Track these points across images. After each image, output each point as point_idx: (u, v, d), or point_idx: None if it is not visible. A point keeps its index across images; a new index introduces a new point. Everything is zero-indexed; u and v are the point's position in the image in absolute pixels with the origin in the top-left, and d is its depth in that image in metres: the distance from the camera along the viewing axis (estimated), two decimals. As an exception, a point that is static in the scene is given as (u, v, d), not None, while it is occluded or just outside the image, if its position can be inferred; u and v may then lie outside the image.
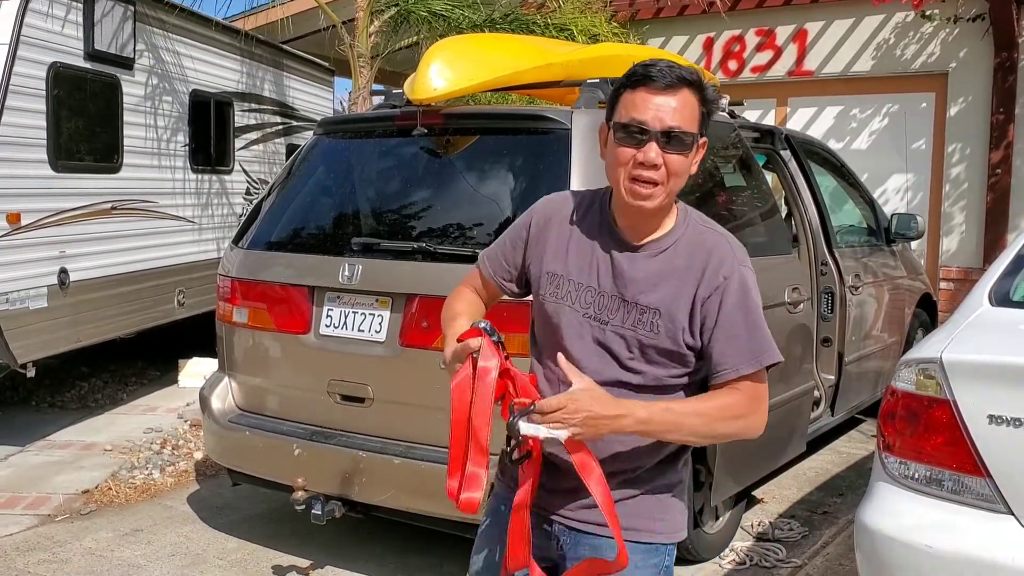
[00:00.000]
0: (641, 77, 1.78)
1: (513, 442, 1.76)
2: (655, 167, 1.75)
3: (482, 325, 1.78)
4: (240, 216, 7.75)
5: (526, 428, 1.67)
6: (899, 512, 2.42)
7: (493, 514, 2.03)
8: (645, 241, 1.87)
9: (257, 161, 8.42)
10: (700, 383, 1.89)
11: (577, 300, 1.88)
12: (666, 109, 1.75)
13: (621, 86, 1.82)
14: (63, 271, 5.72)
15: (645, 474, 1.89)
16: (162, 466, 5.22)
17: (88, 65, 5.99)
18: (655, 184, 1.77)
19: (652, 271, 1.84)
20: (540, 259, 1.96)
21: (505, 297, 2.10)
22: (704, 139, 1.83)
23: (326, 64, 9.65)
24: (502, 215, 3.54)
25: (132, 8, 6.39)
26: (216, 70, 7.67)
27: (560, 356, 1.79)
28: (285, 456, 3.74)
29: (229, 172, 7.93)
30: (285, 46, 8.98)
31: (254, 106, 8.31)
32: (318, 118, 6.79)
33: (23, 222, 5.40)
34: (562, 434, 1.66)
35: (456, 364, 1.80)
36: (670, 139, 1.75)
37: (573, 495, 1.86)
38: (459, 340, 1.80)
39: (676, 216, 1.90)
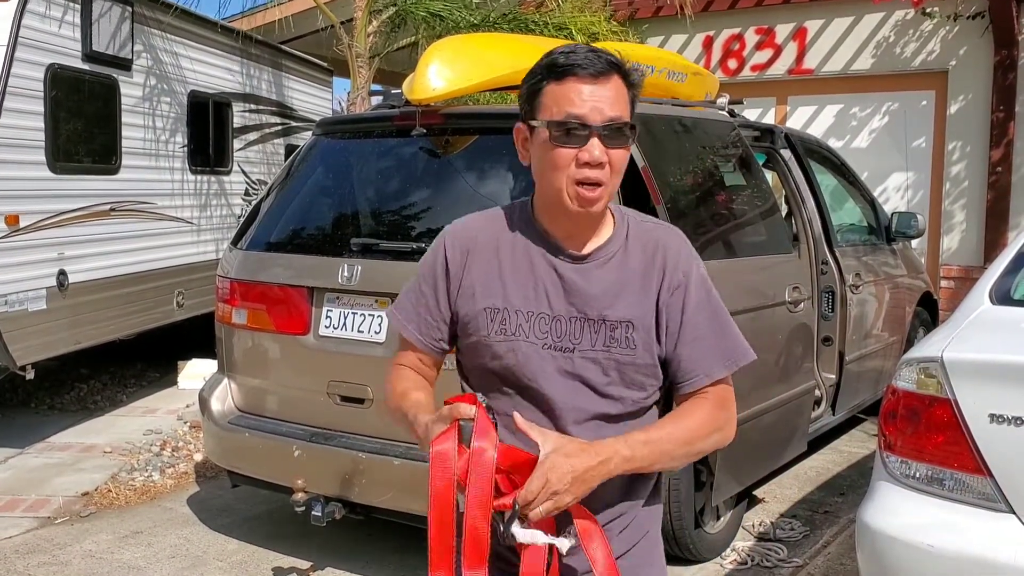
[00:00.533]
0: (566, 66, 1.57)
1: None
2: (600, 165, 1.56)
3: (481, 398, 1.54)
4: (239, 217, 7.74)
5: (523, 535, 1.47)
6: (900, 511, 2.41)
7: None
8: (590, 249, 1.66)
9: (256, 162, 8.41)
10: (665, 395, 1.73)
11: (532, 332, 1.64)
12: (603, 99, 1.56)
13: (542, 79, 1.61)
14: (62, 273, 5.71)
15: (641, 514, 1.73)
16: (162, 468, 5.21)
17: (86, 66, 5.98)
18: (600, 185, 1.58)
19: (610, 280, 1.65)
20: (471, 297, 1.69)
21: None
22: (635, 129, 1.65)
23: (325, 64, 9.64)
24: (501, 215, 3.53)
25: (130, 9, 6.38)
26: (214, 71, 7.66)
27: (516, 416, 1.57)
28: (285, 457, 3.73)
29: (228, 173, 7.92)
30: (283, 46, 8.98)
31: (253, 107, 8.30)
32: (317, 118, 6.80)
33: (22, 224, 5.39)
34: (563, 544, 1.49)
35: (439, 426, 1.53)
36: (612, 132, 1.56)
37: (585, 562, 1.59)
38: (447, 402, 1.55)
39: (612, 217, 1.71)
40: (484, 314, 1.67)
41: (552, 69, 1.59)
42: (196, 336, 7.31)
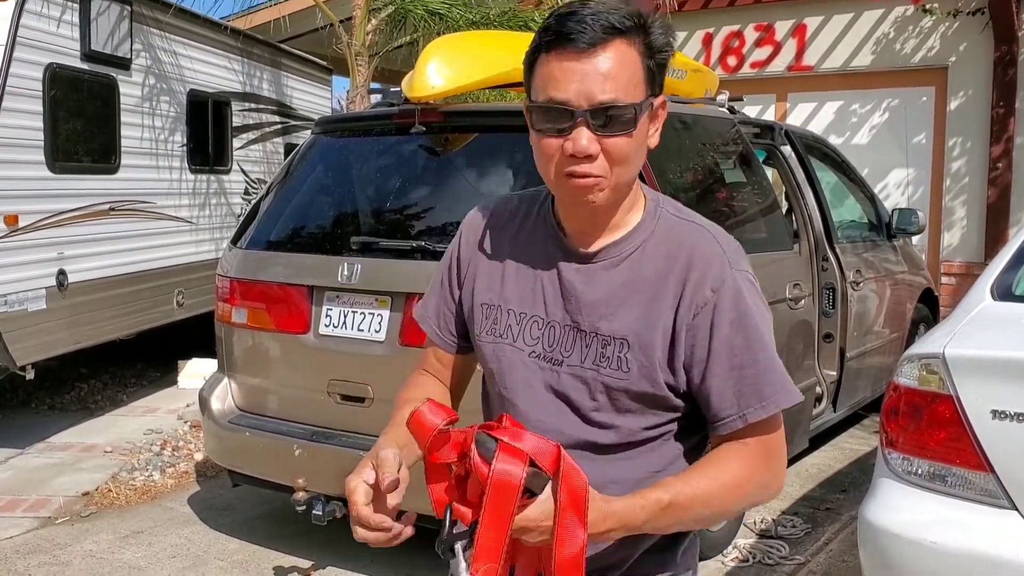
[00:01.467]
0: (554, 35, 1.28)
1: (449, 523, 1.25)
2: (589, 158, 1.29)
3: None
4: (238, 216, 7.74)
5: (460, 566, 1.23)
6: (902, 508, 2.41)
7: None
8: (600, 247, 1.40)
9: (255, 161, 8.41)
10: (697, 428, 1.42)
11: (520, 336, 1.42)
12: (593, 78, 1.27)
13: (535, 49, 1.33)
14: (61, 272, 5.71)
15: (635, 569, 1.42)
16: (162, 467, 5.20)
17: (85, 66, 5.97)
18: (596, 177, 1.31)
19: (612, 287, 1.38)
20: (472, 289, 1.50)
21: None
22: (660, 99, 1.36)
23: (324, 63, 9.64)
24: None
25: (128, 8, 6.37)
26: (214, 70, 7.65)
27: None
28: (285, 456, 3.73)
29: (227, 172, 7.91)
30: (283, 45, 8.98)
31: (252, 105, 8.29)
32: (316, 117, 6.79)
33: (21, 224, 5.38)
34: None
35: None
36: (604, 118, 1.28)
37: None
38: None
39: (643, 208, 1.43)
40: (480, 310, 1.48)
41: (543, 36, 1.31)
42: (196, 335, 7.30)
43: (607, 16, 1.28)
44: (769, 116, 8.57)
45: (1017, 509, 2.25)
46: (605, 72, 1.27)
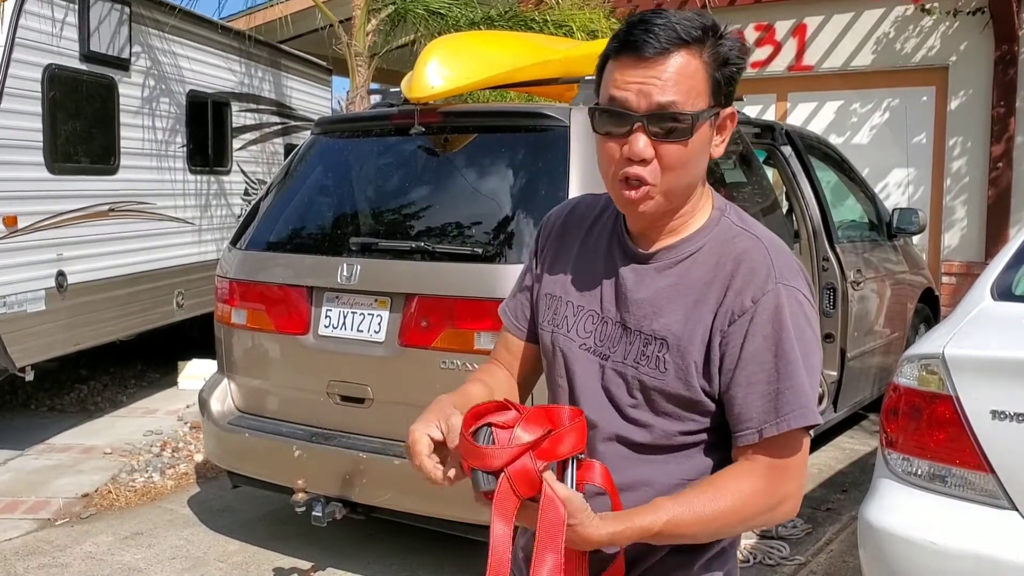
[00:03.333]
0: (622, 41, 1.32)
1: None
2: (644, 162, 1.33)
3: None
4: (238, 217, 7.73)
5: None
6: (903, 508, 2.40)
7: None
8: (657, 249, 1.43)
9: (255, 161, 8.40)
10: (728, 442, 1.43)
11: (575, 328, 1.48)
12: (653, 82, 1.30)
13: (607, 52, 1.37)
14: (61, 274, 5.70)
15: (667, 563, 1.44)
16: (162, 469, 5.20)
17: (84, 67, 5.97)
18: (644, 184, 1.34)
19: (659, 288, 1.41)
20: (542, 280, 1.57)
21: None
22: (729, 110, 1.39)
23: (324, 63, 9.64)
24: (500, 214, 3.52)
25: (128, 9, 6.37)
26: (213, 70, 7.65)
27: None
28: (285, 458, 3.72)
29: (227, 173, 7.91)
30: (282, 46, 8.97)
31: (252, 106, 8.29)
32: (316, 117, 6.79)
33: (20, 225, 5.38)
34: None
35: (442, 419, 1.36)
36: (661, 124, 1.31)
37: None
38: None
39: (708, 213, 1.45)
40: (544, 300, 1.55)
41: (610, 45, 1.35)
42: (196, 336, 7.29)
43: (675, 26, 1.30)
44: (769, 116, 8.57)
45: (1017, 509, 2.24)
46: (666, 78, 1.30)
